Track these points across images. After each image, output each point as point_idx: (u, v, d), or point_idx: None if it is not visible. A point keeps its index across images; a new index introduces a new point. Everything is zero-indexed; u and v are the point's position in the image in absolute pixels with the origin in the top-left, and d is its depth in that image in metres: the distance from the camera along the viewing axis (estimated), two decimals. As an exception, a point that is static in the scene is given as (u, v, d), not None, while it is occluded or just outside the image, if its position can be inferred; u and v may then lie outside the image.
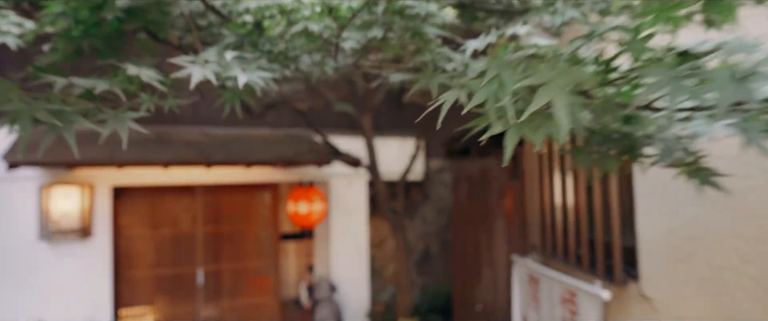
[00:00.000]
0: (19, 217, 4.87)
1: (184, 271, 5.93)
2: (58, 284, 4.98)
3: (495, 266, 4.53)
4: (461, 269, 5.40)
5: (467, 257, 5.21)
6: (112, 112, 1.33)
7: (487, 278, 4.70)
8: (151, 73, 1.43)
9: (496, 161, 4.39)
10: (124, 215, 5.67)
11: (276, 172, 5.96)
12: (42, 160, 3.89)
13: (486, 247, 4.73)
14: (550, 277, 3.18)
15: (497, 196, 4.48)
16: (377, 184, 5.36)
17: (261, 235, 6.39)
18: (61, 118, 1.22)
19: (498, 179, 4.41)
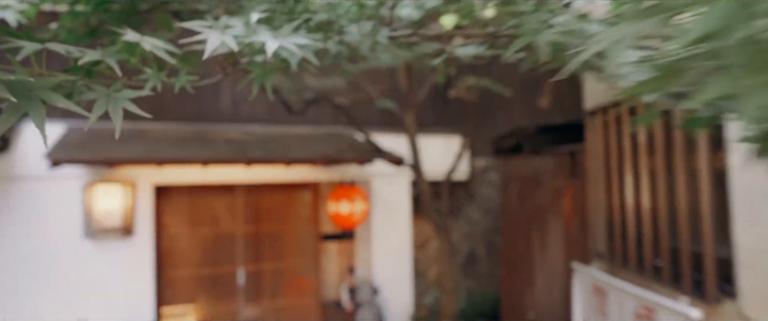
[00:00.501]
0: (65, 214, 4.74)
1: (224, 270, 5.72)
2: (101, 282, 4.83)
3: (550, 273, 4.09)
4: (511, 274, 4.97)
5: (518, 262, 4.78)
6: (104, 89, 1.02)
7: (541, 285, 4.27)
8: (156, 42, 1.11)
9: (551, 159, 3.96)
10: (165, 214, 5.49)
11: (316, 170, 5.68)
12: (83, 158, 3.71)
13: (539, 251, 4.30)
14: (620, 289, 2.74)
15: (552, 197, 4.05)
16: (421, 183, 4.99)
17: (301, 235, 6.12)
18: (29, 95, 0.91)
19: (554, 179, 3.98)
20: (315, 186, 6.14)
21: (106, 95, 1.00)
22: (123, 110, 1.00)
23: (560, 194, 3.89)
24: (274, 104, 5.54)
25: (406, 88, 4.88)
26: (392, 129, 5.97)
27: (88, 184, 4.69)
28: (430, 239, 7.08)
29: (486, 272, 6.20)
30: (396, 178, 6.07)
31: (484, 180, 6.30)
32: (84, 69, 1.11)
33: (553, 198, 4.02)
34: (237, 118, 5.43)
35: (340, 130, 5.86)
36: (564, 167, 3.74)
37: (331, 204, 5.02)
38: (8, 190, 4.59)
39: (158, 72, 1.18)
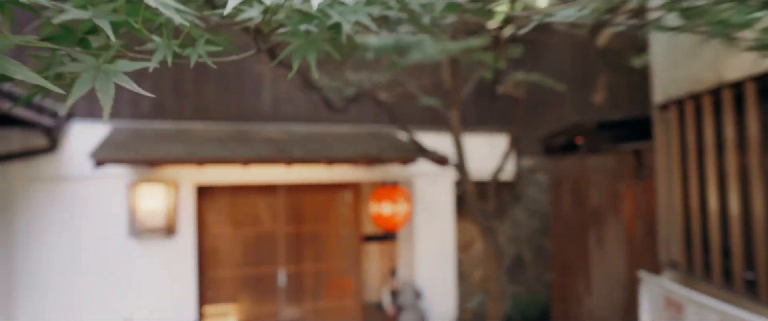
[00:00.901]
0: (109, 214, 4.66)
1: (265, 271, 5.55)
2: (144, 280, 4.74)
3: (609, 281, 3.70)
4: (563, 280, 4.59)
5: (571, 267, 4.39)
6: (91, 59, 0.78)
7: (599, 294, 3.88)
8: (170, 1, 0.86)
9: (612, 158, 3.57)
10: (207, 214, 5.37)
11: (358, 170, 5.44)
12: (125, 157, 3.59)
13: (596, 257, 3.91)
14: (702, 304, 2.36)
15: (612, 199, 3.66)
16: (466, 183, 4.67)
17: (343, 236, 5.90)
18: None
19: (614, 179, 3.59)
20: (356, 186, 5.91)
21: (93, 68, 0.75)
22: (139, 95, 0.73)
23: (621, 196, 3.50)
24: (315, 103, 5.34)
25: (451, 85, 4.58)
26: (435, 127, 5.67)
27: (132, 183, 4.60)
28: (475, 241, 6.74)
29: (533, 277, 5.82)
30: (439, 177, 5.77)
31: (531, 180, 5.92)
32: (74, 37, 0.87)
33: (613, 200, 3.64)
34: (278, 117, 5.25)
35: (382, 129, 5.60)
36: (626, 167, 3.35)
37: (373, 205, 4.77)
38: (56, 189, 4.54)
39: (169, 41, 0.92)
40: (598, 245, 3.90)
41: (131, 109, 4.80)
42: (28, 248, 4.47)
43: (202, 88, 5.00)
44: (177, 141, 4.16)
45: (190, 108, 4.96)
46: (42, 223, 4.51)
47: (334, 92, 3.87)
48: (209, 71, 5.03)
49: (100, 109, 4.71)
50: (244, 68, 5.11)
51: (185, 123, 4.93)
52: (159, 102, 4.88)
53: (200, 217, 5.28)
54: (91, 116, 4.69)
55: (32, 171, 4.48)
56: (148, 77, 4.85)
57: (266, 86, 5.18)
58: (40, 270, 4.50)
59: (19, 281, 4.45)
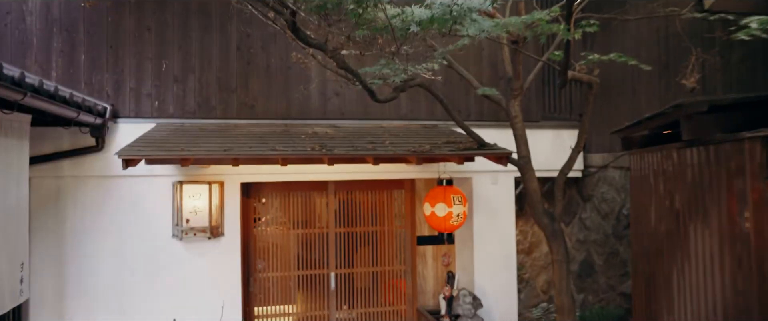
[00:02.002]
0: (156, 213, 4.45)
1: (315, 273, 5.20)
2: (190, 281, 4.49)
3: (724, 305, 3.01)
4: (647, 294, 3.90)
5: (661, 280, 3.70)
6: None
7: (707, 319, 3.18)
8: None
9: (728, 150, 2.88)
10: (253, 213, 5.08)
11: (411, 168, 4.96)
12: (152, 155, 3.31)
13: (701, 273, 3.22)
14: None
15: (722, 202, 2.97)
16: (530, 182, 4.10)
17: (396, 238, 5.45)
18: None
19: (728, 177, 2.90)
20: (410, 184, 5.44)
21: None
22: None
23: (739, 198, 2.81)
24: (365, 98, 4.92)
25: (512, 72, 4.01)
26: (492, 122, 5.11)
27: (176, 182, 4.36)
28: (538, 244, 6.10)
29: (604, 285, 5.12)
30: (499, 175, 5.20)
31: (601, 178, 5.22)
32: None
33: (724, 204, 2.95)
34: (326, 113, 4.87)
35: (435, 124, 5.10)
36: (751, 160, 2.67)
37: (427, 206, 4.29)
38: (104, 188, 4.38)
39: None
40: (703, 259, 3.20)
41: (177, 107, 4.57)
42: (77, 248, 4.33)
43: (248, 84, 4.70)
44: (216, 138, 3.86)
45: (235, 105, 4.67)
46: (91, 223, 4.35)
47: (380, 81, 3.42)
48: (255, 67, 4.72)
49: (146, 109, 4.51)
50: (291, 63, 4.77)
51: (230, 120, 4.65)
52: (205, 99, 4.62)
53: (247, 216, 5.00)
54: (138, 115, 4.49)
55: (82, 169, 4.33)
56: (193, 73, 4.60)
57: (314, 81, 4.82)
58: (89, 270, 4.34)
59: (69, 281, 4.31)
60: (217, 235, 4.50)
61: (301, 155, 3.46)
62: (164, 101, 4.54)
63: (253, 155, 3.38)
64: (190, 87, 4.60)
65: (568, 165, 4.20)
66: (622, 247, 4.91)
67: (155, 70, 4.53)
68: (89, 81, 4.41)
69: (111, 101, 4.41)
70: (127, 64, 4.49)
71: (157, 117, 4.51)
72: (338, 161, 3.84)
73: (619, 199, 4.96)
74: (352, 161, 4.06)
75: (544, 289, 5.96)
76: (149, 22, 4.54)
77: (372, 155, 3.58)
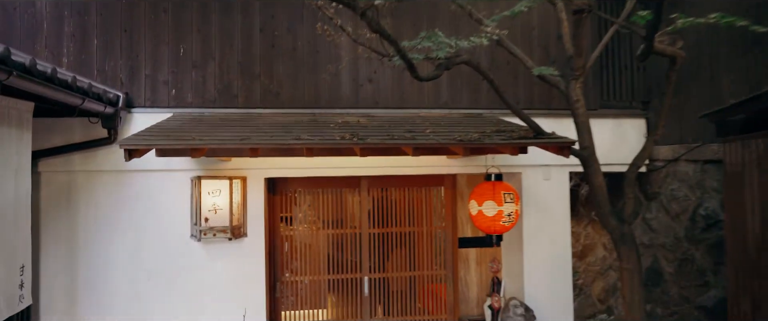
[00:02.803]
0: (173, 211, 4.02)
1: (348, 277, 4.67)
2: (210, 288, 4.04)
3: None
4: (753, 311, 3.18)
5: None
6: None
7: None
8: None
9: None
10: (279, 211, 4.59)
11: (453, 162, 4.38)
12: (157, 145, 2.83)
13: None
14: None
15: None
16: (595, 177, 3.45)
17: (435, 240, 4.87)
18: None
19: None
20: (451, 180, 4.85)
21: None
22: None
23: None
24: (403, 85, 4.36)
25: (573, 48, 3.38)
26: (544, 110, 4.46)
27: (195, 178, 3.90)
28: (592, 247, 5.41)
29: (677, 297, 4.40)
30: (551, 170, 4.55)
31: (670, 173, 4.51)
32: None
33: None
34: (359, 102, 4.33)
35: (480, 113, 4.50)
36: None
37: (473, 204, 3.69)
38: (118, 183, 3.97)
39: None
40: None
41: (196, 95, 4.11)
42: (90, 249, 3.93)
43: (272, 70, 4.20)
44: (236, 128, 3.37)
45: (259, 92, 4.19)
46: (105, 222, 3.95)
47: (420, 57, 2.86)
48: (280, 51, 4.23)
49: (163, 97, 4.07)
50: (319, 46, 4.25)
51: (253, 110, 4.17)
52: (226, 86, 4.16)
53: (272, 214, 4.51)
54: (154, 104, 4.06)
55: (94, 163, 3.93)
56: (213, 58, 4.14)
57: (347, 69, 4.28)
58: (102, 273, 3.94)
59: (81, 285, 3.91)
60: (238, 236, 4.03)
61: (329, 145, 2.93)
62: (182, 89, 4.10)
63: (273, 144, 2.87)
64: (210, 73, 4.14)
65: (642, 156, 3.54)
66: (699, 253, 4.19)
67: (172, 55, 4.09)
68: (102, 68, 4.01)
69: (125, 89, 3.99)
70: (142, 50, 4.06)
71: (174, 106, 4.08)
72: (372, 153, 3.30)
73: (694, 198, 4.24)
74: (388, 153, 3.51)
75: (600, 297, 5.27)
76: (166, 4, 4.10)
77: (411, 145, 3.02)
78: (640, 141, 4.71)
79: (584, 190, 5.81)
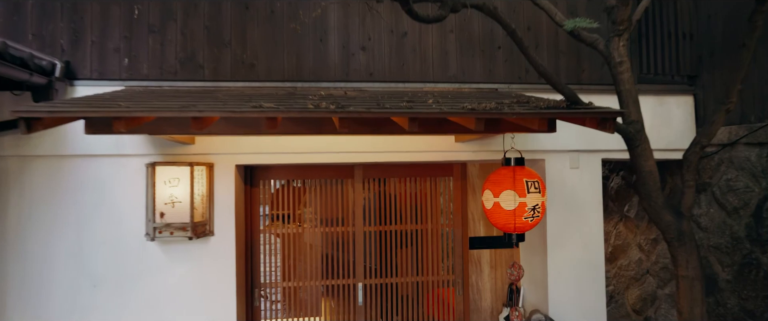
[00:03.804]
0: (124, 205, 3.29)
1: (339, 283, 3.91)
2: (169, 297, 3.30)
3: None
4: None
5: None
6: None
7: None
8: None
9: None
10: (255, 205, 3.84)
11: (463, 147, 3.59)
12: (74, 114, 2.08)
13: None
14: None
15: None
16: (645, 159, 2.66)
17: (442, 240, 4.09)
18: None
19: None
20: (460, 169, 4.07)
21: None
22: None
23: None
24: (403, 53, 3.59)
25: None
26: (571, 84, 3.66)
27: (149, 164, 3.17)
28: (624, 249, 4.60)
29: (737, 309, 3.57)
30: (581, 157, 3.75)
31: (726, 160, 3.67)
32: None
33: None
34: (350, 74, 3.57)
35: (495, 87, 3.71)
36: None
37: (488, 195, 2.90)
38: (58, 170, 3.24)
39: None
40: None
41: (154, 65, 3.38)
42: (23, 247, 3.21)
43: (245, 36, 3.46)
44: (185, 98, 2.62)
45: (229, 63, 3.44)
46: (41, 215, 3.22)
47: None
48: (256, 13, 3.48)
49: (113, 68, 3.34)
50: (303, 7, 3.50)
51: (223, 83, 3.43)
52: (189, 55, 3.42)
53: (249, 209, 3.77)
54: (103, 76, 3.33)
55: (28, 147, 3.21)
56: (174, 22, 3.40)
57: (334, 37, 3.52)
58: (37, 276, 3.22)
59: (11, 290, 3.20)
60: (202, 235, 3.28)
61: (297, 113, 2.16)
62: (137, 58, 3.36)
63: (225, 113, 2.11)
64: (170, 40, 3.39)
65: (709, 132, 2.72)
66: (767, 256, 3.36)
67: (125, 17, 3.36)
68: (38, 32, 3.28)
69: (66, 57, 3.27)
70: (87, 10, 3.33)
71: (127, 78, 3.34)
72: (358, 128, 2.54)
73: (758, 189, 3.41)
74: (380, 129, 2.74)
75: (636, 307, 4.44)
76: (118, -44, 3.37)
77: (406, 114, 2.24)
78: (687, 121, 3.89)
79: (614, 182, 4.97)
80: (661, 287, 4.23)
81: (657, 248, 4.32)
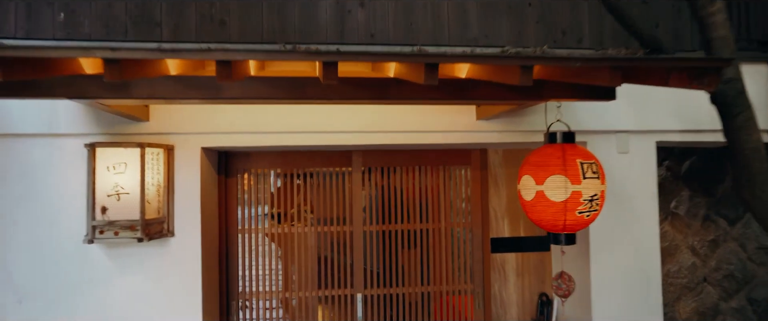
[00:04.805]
0: (60, 199, 2.55)
1: (335, 294, 3.17)
2: (117, 314, 2.56)
3: None
4: None
5: None
6: None
7: None
8: None
9: None
10: (232, 201, 3.10)
11: (487, 126, 2.84)
12: None
13: None
14: None
15: None
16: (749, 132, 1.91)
17: (458, 242, 3.34)
18: None
19: None
20: (479, 157, 3.32)
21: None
22: None
23: None
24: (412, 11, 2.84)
25: None
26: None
27: (89, 145, 2.43)
28: (674, 251, 3.85)
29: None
30: (632, 139, 2.99)
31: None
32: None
33: None
34: (345, 35, 2.82)
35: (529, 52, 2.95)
36: None
37: (527, 182, 2.14)
38: (-28, 156, 2.51)
39: None
40: None
41: (97, 23, 2.64)
42: (-73, 255, 2.48)
43: (215, -14, 2.72)
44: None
45: (194, 20, 2.70)
46: (-49, 214, 2.50)
47: None
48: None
49: (46, 26, 2.60)
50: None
51: (187, 44, 2.69)
52: (144, 12, 2.67)
53: (225, 204, 3.03)
54: (32, 36, 2.60)
55: (-65, 125, 2.48)
56: (124, -32, 2.66)
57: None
58: (-56, 293, 2.48)
59: None
60: (157, 236, 2.54)
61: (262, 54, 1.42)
62: (75, 14, 2.62)
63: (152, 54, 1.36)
64: (120, -10, 2.66)
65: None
66: None
67: (62, -38, 2.62)
68: (-52, -22, 2.56)
69: (-16, 11, 2.54)
70: (13, -48, 2.60)
71: (63, 37, 2.61)
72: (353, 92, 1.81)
73: None
74: (384, 94, 1.99)
75: (691, 317, 3.68)
76: None
77: (421, 61, 1.50)
78: (763, 94, 3.13)
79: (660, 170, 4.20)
80: (725, 299, 3.47)
81: (717, 252, 3.56)
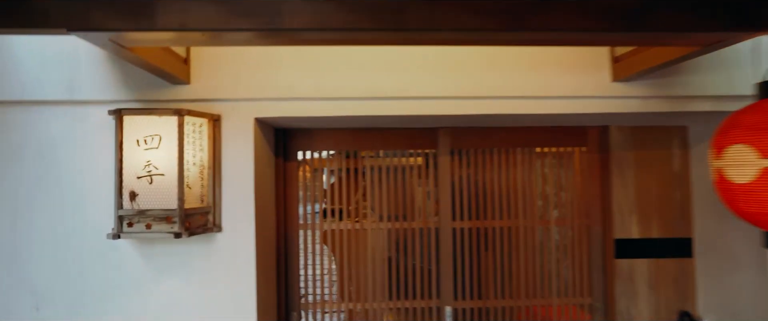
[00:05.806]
0: (84, 182, 2.02)
1: (416, 306, 2.50)
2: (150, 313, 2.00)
3: None
4: None
5: None
6: None
7: None
8: None
9: None
10: (292, 190, 2.49)
11: (626, 88, 2.08)
12: None
13: None
14: None
15: None
16: None
17: (572, 243, 2.60)
18: None
19: None
20: (598, 135, 2.57)
21: None
22: None
23: None
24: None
25: None
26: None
27: (115, 112, 1.87)
28: None
29: None
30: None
31: None
32: None
33: None
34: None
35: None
36: None
37: (736, 153, 1.39)
38: (-18, 129, 2.01)
39: None
40: None
41: None
42: (-72, 251, 2.00)
43: None
44: None
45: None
46: (-43, 200, 2.01)
47: None
48: None
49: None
50: None
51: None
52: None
53: (283, 193, 2.43)
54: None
55: (-62, 91, 2.00)
56: None
57: None
58: (-53, 297, 2.00)
59: None
60: (198, 230, 1.95)
61: None
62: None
63: None
64: None
65: None
66: None
67: None
68: None
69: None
70: None
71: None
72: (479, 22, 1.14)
73: None
74: (526, 24, 1.29)
75: None
76: None
77: None
78: None
79: None
80: None
81: None
